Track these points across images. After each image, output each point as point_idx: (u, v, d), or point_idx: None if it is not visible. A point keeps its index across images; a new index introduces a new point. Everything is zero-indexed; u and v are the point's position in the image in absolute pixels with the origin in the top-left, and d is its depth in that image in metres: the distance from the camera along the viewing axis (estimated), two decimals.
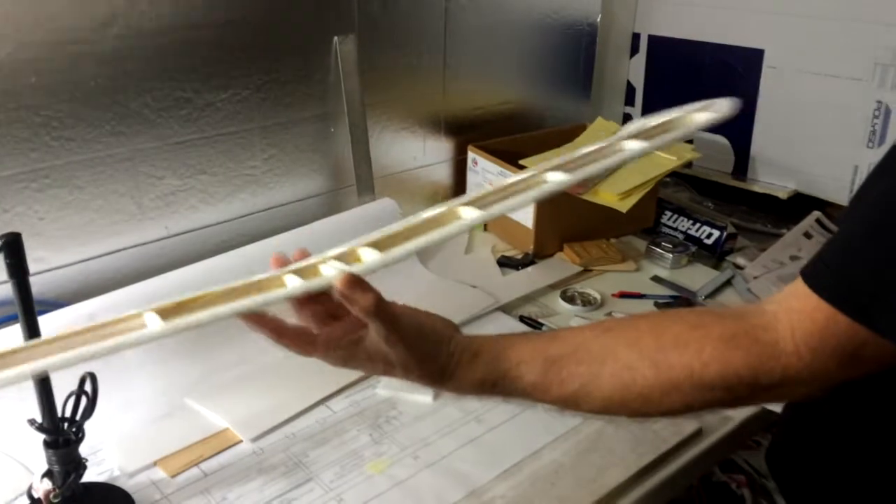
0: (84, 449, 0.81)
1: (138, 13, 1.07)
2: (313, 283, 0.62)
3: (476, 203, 0.64)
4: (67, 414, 0.77)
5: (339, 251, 0.64)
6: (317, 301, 0.67)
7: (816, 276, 0.60)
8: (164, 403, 1.00)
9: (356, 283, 0.61)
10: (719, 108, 0.82)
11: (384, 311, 0.63)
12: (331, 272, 0.62)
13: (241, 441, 0.95)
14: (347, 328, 0.67)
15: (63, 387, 0.78)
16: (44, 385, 0.76)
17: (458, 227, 0.63)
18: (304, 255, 0.65)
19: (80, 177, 1.09)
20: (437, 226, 0.64)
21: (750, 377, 0.60)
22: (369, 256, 0.63)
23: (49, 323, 0.96)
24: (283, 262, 0.65)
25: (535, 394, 0.66)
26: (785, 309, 0.61)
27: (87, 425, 0.80)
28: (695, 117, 0.77)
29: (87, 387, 0.77)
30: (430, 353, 0.67)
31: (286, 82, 1.27)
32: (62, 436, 0.77)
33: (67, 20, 1.02)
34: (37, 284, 1.07)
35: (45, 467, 0.79)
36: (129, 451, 0.92)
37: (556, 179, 0.65)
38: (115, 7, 1.05)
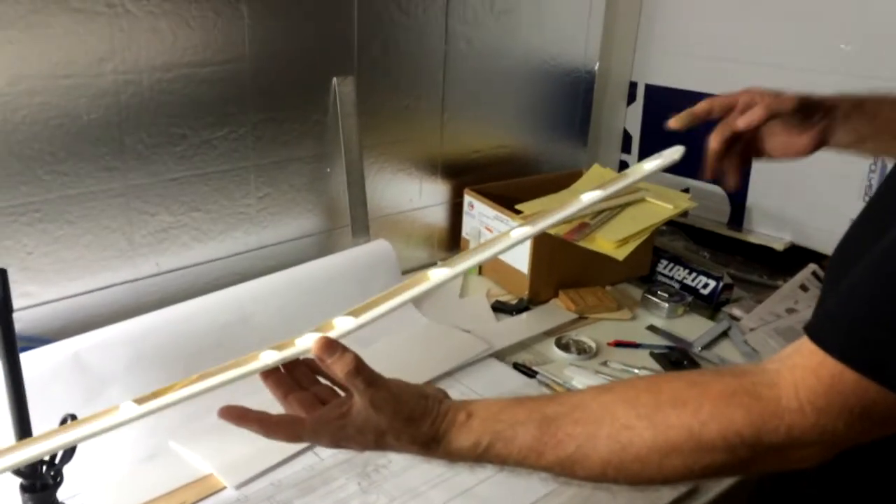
0: (63, 493, 0.78)
1: (136, 49, 1.07)
2: (288, 353, 0.63)
3: (446, 264, 0.71)
4: (46, 457, 0.75)
5: (315, 326, 0.66)
6: (301, 388, 0.68)
7: (821, 330, 0.58)
8: (147, 446, 0.97)
9: (331, 345, 0.62)
10: (668, 155, 0.88)
11: (365, 372, 0.62)
12: (306, 342, 0.63)
13: (224, 488, 0.92)
14: (334, 406, 0.66)
15: (44, 427, 0.75)
16: (23, 427, 0.73)
17: (426, 286, 0.68)
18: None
19: (71, 211, 1.07)
20: (407, 288, 0.68)
21: (752, 437, 0.57)
22: (343, 323, 0.65)
23: (32, 360, 0.94)
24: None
25: (529, 457, 0.63)
26: (789, 366, 0.59)
27: (68, 466, 0.77)
28: (644, 165, 0.86)
29: None
30: (419, 412, 0.64)
31: (283, 121, 1.27)
32: (40, 480, 0.74)
33: (63, 54, 1.01)
34: (22, 320, 1.05)
35: None
36: (109, 497, 0.89)
37: (519, 233, 0.74)
38: (113, 43, 1.05)
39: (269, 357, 0.63)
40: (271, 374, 0.67)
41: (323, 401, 0.68)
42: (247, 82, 1.20)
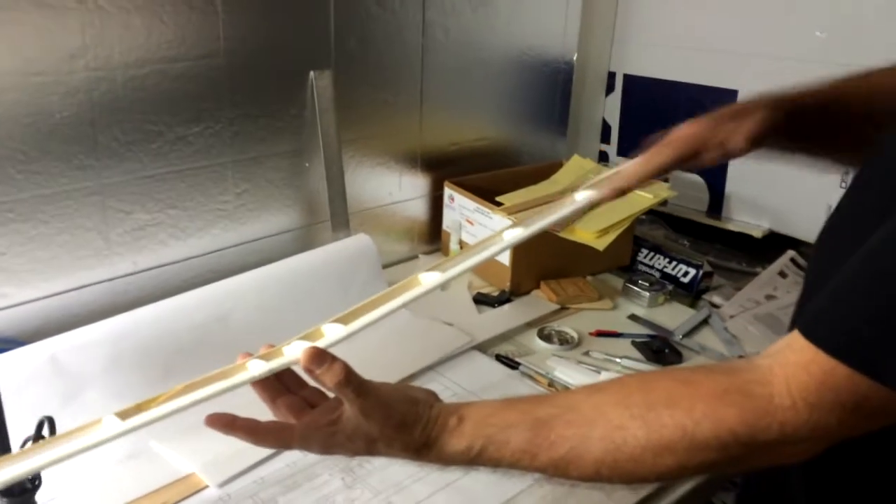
0: (42, 496, 0.77)
1: (109, 45, 1.05)
2: (276, 363, 0.62)
3: (438, 267, 0.69)
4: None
5: (303, 333, 0.65)
6: (290, 391, 0.67)
7: (813, 326, 0.58)
8: (127, 446, 0.96)
9: (320, 355, 0.61)
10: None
11: (354, 381, 0.62)
12: (294, 351, 0.62)
13: (207, 486, 0.91)
14: (323, 412, 0.66)
15: (20, 431, 0.74)
16: None
17: (418, 292, 0.67)
18: (270, 347, 0.66)
19: (45, 211, 1.06)
20: (399, 293, 0.67)
21: (746, 435, 0.57)
22: (332, 331, 0.64)
23: (7, 363, 0.93)
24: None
25: (523, 460, 0.63)
26: (780, 362, 0.58)
27: (45, 471, 0.76)
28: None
29: (45, 431, 0.73)
30: (410, 419, 0.64)
31: (260, 116, 1.26)
32: (17, 484, 0.73)
33: (33, 51, 0.99)
34: None
35: None
36: (90, 498, 0.88)
37: (512, 236, 0.72)
38: (85, 38, 1.03)
39: (257, 368, 0.62)
40: (257, 383, 0.66)
41: (312, 404, 0.67)
42: (222, 77, 1.19)
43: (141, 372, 1.02)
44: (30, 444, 0.74)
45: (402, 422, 0.63)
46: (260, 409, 0.67)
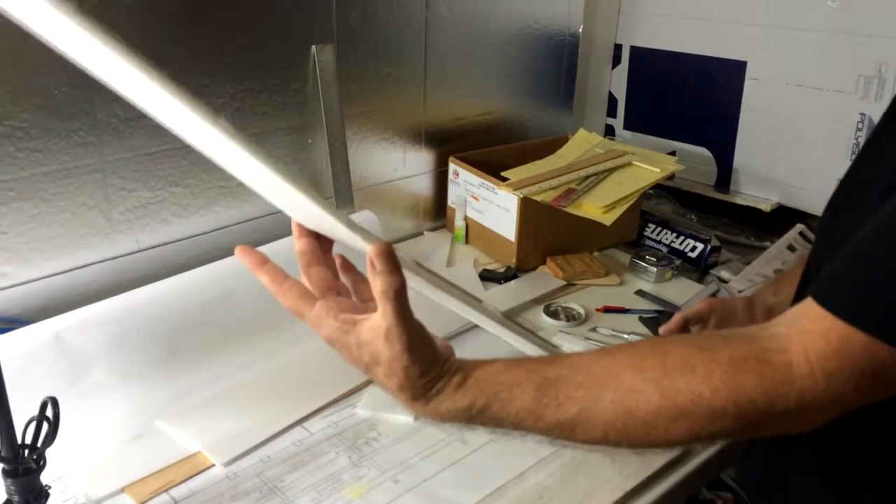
0: (48, 475, 0.77)
1: (107, 19, 1.03)
2: (353, 233, 0.59)
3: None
4: (28, 441, 0.73)
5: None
6: (328, 265, 0.65)
7: (829, 293, 0.57)
8: (133, 426, 0.96)
9: (392, 257, 0.59)
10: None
11: (401, 301, 0.59)
12: (366, 243, 0.59)
13: (213, 465, 0.91)
14: (350, 305, 0.64)
15: (23, 412, 0.73)
16: (2, 410, 0.72)
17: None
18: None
19: (46, 189, 1.05)
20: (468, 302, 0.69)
21: (764, 403, 0.57)
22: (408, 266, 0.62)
23: (11, 342, 0.92)
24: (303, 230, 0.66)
25: (527, 420, 0.61)
26: (797, 331, 0.58)
27: (52, 449, 0.76)
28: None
29: (49, 412, 0.73)
30: (424, 361, 0.61)
31: (262, 92, 1.24)
32: (22, 464, 0.73)
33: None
34: None
35: (3, 497, 0.75)
36: (95, 477, 0.88)
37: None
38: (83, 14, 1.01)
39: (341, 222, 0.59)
40: (307, 235, 0.66)
41: (340, 292, 0.65)
42: (222, 52, 1.17)
43: (146, 350, 1.01)
44: (33, 425, 0.73)
45: (412, 362, 0.61)
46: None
